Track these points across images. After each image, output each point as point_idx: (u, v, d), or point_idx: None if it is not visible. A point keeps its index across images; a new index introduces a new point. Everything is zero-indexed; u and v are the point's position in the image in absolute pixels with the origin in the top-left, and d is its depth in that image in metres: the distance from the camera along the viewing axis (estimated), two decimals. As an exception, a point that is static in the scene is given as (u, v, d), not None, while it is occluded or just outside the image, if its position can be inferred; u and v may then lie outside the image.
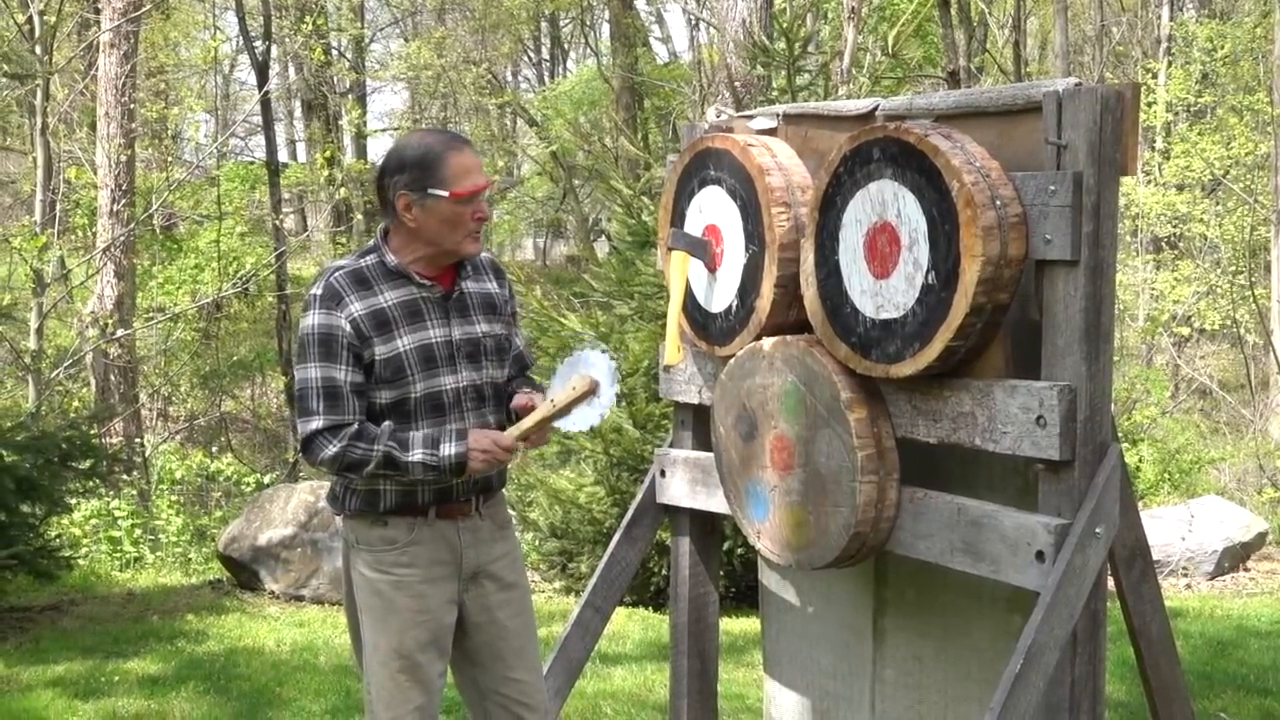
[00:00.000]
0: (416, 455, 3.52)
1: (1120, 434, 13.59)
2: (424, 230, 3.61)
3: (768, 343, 4.08)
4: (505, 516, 3.89)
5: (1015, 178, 3.55)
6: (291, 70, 28.94)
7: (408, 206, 3.59)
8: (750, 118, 4.50)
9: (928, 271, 3.62)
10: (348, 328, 3.53)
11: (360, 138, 30.92)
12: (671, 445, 4.77)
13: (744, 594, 8.12)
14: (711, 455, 4.38)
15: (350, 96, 27.94)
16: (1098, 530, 3.46)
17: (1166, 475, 13.67)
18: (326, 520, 8.88)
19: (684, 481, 4.63)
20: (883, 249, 3.76)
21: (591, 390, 3.67)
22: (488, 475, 3.73)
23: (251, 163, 26.04)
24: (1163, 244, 24.21)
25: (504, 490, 3.94)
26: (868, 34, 17.49)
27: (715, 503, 4.47)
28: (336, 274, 3.61)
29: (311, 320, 3.57)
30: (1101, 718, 3.68)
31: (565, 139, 26.13)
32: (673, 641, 4.81)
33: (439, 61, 26.04)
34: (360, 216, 26.28)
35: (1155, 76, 24.21)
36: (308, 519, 8.92)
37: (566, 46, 38.09)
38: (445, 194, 3.55)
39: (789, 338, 4.05)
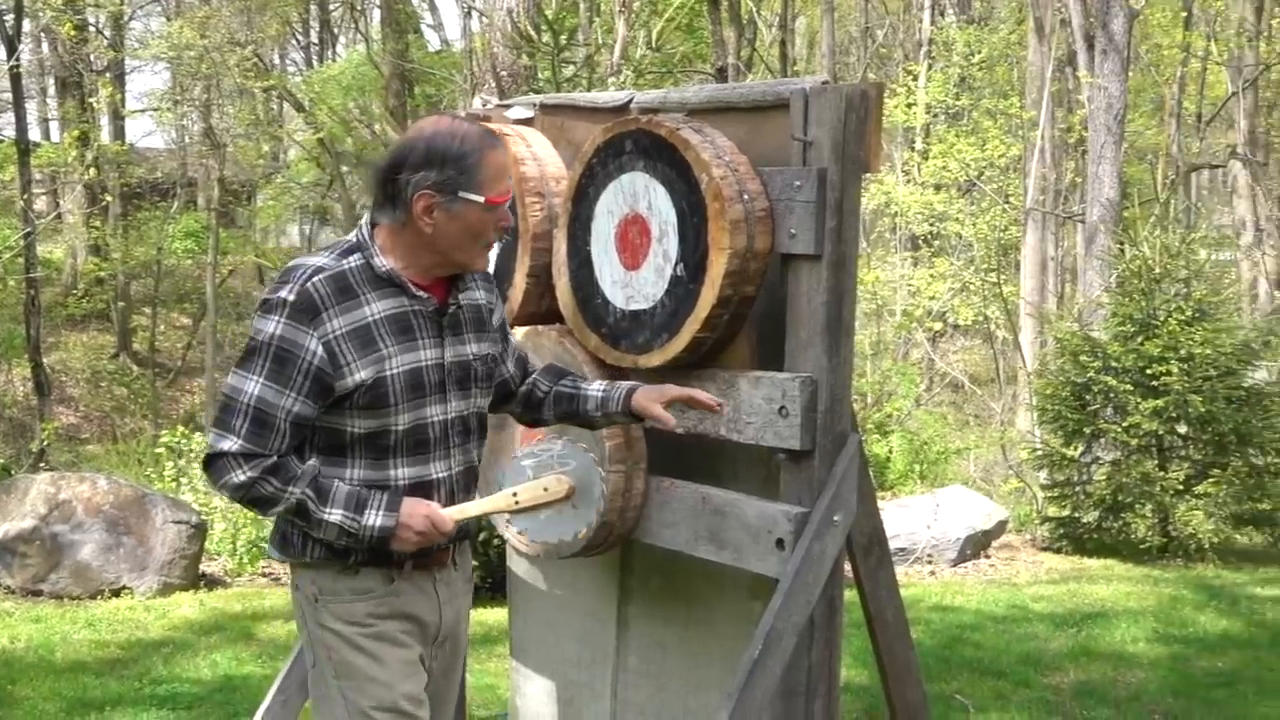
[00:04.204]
0: (335, 515, 3.01)
1: (873, 425, 13.99)
2: (441, 238, 3.06)
3: (519, 332, 4.09)
4: (469, 564, 3.42)
5: (763, 172, 3.62)
6: (45, 45, 27.83)
7: (429, 209, 3.02)
8: (507, 107, 4.49)
9: (677, 263, 3.67)
10: (319, 351, 2.99)
11: (118, 118, 29.92)
12: (424, 434, 4.72)
13: (499, 584, 8.02)
14: (463, 444, 4.35)
15: (108, 75, 27.00)
16: (836, 518, 3.55)
17: (916, 466, 14.11)
18: (69, 512, 8.55)
19: (436, 471, 4.59)
20: (634, 240, 3.80)
21: (567, 496, 3.24)
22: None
23: (0, 141, 24.98)
24: (920, 242, 24.98)
25: None
26: (639, 28, 17.62)
27: (467, 492, 4.44)
28: (316, 278, 3.02)
29: (272, 329, 2.99)
30: (837, 701, 3.78)
31: (333, 125, 25.72)
32: (423, 632, 4.77)
33: (202, 42, 25.30)
34: (114, 199, 25.45)
35: (916, 78, 24.95)
36: (48, 511, 8.58)
37: (336, 31, 37.46)
38: (480, 199, 3.02)
39: (540, 327, 4.06)
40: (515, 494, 3.22)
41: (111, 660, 6.76)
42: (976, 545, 10.11)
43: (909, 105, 23.71)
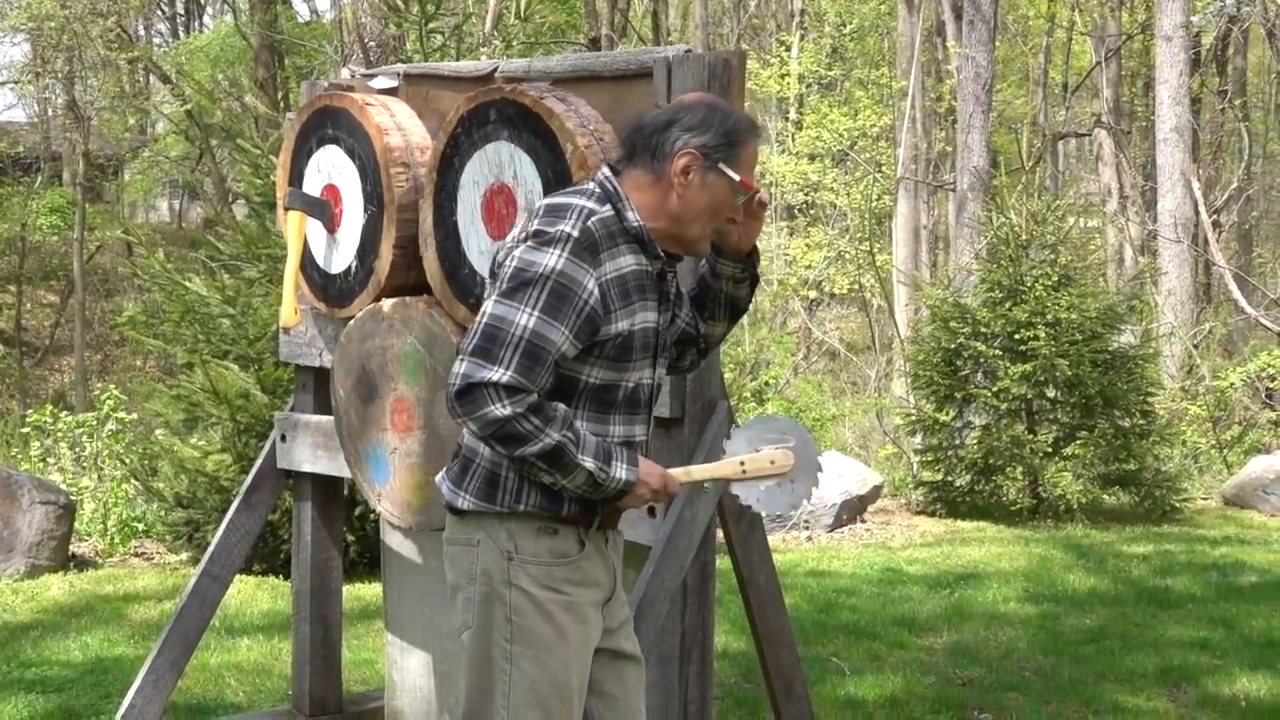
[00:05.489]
0: (589, 463, 2.93)
1: (750, 394, 14.08)
2: (686, 205, 3.04)
3: (387, 304, 4.06)
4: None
5: (628, 141, 3.61)
6: (-102, 15, 27.02)
7: (687, 169, 3.02)
8: (371, 77, 4.45)
9: (544, 233, 3.65)
10: (595, 291, 2.93)
11: (-23, 89, 29.15)
12: (293, 409, 4.68)
13: (378, 560, 8.03)
14: (334, 419, 4.32)
15: (-35, 46, 26.31)
16: (706, 485, 3.57)
17: (793, 433, 14.21)
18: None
19: (306, 445, 4.56)
20: (500, 210, 3.78)
21: (787, 472, 3.23)
22: None
23: None
24: (796, 211, 25.20)
25: None
26: (511, -2, 17.54)
27: (338, 466, 4.42)
28: (593, 219, 2.97)
29: (553, 263, 2.90)
30: (711, 666, 3.81)
31: (201, 97, 25.24)
32: (295, 608, 4.75)
33: (63, 12, 24.71)
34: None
35: (789, 49, 25.11)
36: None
37: (203, 1, 36.79)
38: (736, 178, 3.05)
39: (409, 299, 4.03)
40: (743, 463, 3.20)
41: (-23, 645, 6.62)
42: (852, 510, 10.23)
43: (782, 76, 23.88)
